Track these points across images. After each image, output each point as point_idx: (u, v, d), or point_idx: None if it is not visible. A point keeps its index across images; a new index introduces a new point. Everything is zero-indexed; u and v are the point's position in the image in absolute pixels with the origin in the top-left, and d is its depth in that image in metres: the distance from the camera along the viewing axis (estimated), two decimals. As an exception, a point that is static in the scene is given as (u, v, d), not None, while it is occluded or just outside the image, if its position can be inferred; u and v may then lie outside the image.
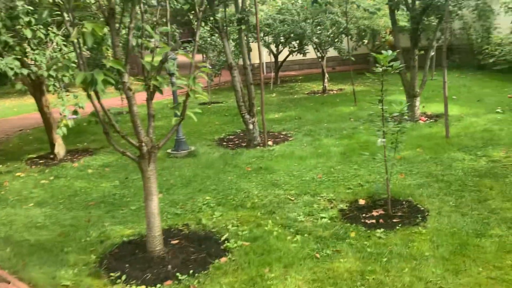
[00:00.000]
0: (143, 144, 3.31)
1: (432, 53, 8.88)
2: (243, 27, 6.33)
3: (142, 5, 3.35)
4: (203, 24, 6.55)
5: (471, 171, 4.69)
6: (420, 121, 7.55)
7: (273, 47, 13.85)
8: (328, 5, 10.66)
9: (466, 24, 13.82)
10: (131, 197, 4.93)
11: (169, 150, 6.69)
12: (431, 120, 7.60)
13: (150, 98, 3.44)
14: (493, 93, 9.39)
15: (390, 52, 3.73)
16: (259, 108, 7.24)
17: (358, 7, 9.56)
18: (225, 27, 6.44)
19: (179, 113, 3.46)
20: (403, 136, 3.92)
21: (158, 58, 3.41)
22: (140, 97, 3.97)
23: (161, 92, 3.46)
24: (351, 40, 12.87)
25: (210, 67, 10.86)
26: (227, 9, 6.46)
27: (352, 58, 10.69)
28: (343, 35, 11.68)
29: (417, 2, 7.05)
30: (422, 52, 7.51)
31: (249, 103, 6.97)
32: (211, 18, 6.19)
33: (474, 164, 4.91)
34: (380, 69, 3.82)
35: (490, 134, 6.08)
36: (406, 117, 8.03)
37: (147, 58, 3.35)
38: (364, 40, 13.54)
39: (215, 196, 4.69)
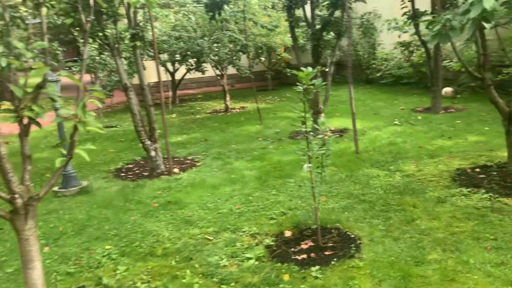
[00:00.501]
0: (17, 196, 2.50)
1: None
2: (138, 43, 5.65)
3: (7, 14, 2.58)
4: (91, 40, 5.70)
5: (390, 188, 4.60)
6: (325, 137, 7.51)
7: (169, 65, 13.20)
8: (224, 22, 10.40)
9: (353, 40, 14.65)
10: (7, 255, 3.93)
11: (56, 188, 5.66)
12: (336, 136, 7.62)
13: (23, 133, 2.65)
14: (386, 105, 9.88)
15: (310, 68, 3.41)
16: (160, 130, 6.57)
17: (255, 24, 9.43)
18: (116, 44, 5.69)
19: (65, 152, 2.71)
20: (328, 159, 3.61)
21: (36, 80, 2.65)
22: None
23: (38, 124, 2.69)
24: (248, 57, 12.81)
25: (101, 89, 9.82)
26: (118, 24, 5.71)
27: (251, 76, 10.55)
28: (241, 53, 11.52)
29: (317, 19, 7.06)
30: (323, 68, 7.51)
31: (149, 127, 6.27)
32: (100, 34, 5.41)
33: (391, 180, 4.85)
34: (301, 88, 3.45)
35: (396, 147, 6.19)
36: (312, 133, 8.07)
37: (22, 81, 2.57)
38: (261, 58, 13.57)
39: (117, 243, 3.91)
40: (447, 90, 10.20)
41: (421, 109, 9.02)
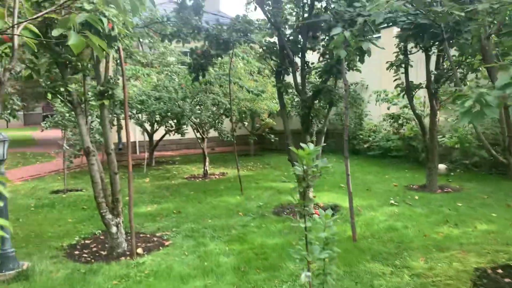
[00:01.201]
0: None
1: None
2: (106, 102, 4.90)
3: None
4: (50, 96, 4.94)
5: (400, 293, 3.74)
6: (315, 215, 6.69)
7: (147, 125, 12.50)
8: (208, 85, 9.88)
9: (340, 110, 14.34)
10: None
11: (-13, 271, 4.59)
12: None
13: None
14: (377, 180, 9.23)
15: (311, 146, 2.67)
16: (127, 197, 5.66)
17: (241, 88, 8.91)
18: (82, 102, 4.93)
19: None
20: (332, 264, 2.77)
21: None
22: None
23: None
24: (231, 121, 12.24)
25: (67, 148, 8.95)
26: (87, 80, 5.00)
27: (233, 140, 9.89)
28: (224, 116, 10.95)
29: (308, 86, 6.53)
30: (314, 138, 6.90)
31: (112, 198, 5.37)
32: (61, 90, 4.66)
33: (399, 282, 3.99)
34: (300, 170, 2.69)
35: (397, 234, 5.39)
36: (299, 210, 7.26)
37: None
38: (244, 122, 13.02)
39: None
40: (440, 167, 9.66)
41: (416, 186, 8.36)
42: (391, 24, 3.84)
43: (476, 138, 9.46)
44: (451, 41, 4.27)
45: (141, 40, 14.00)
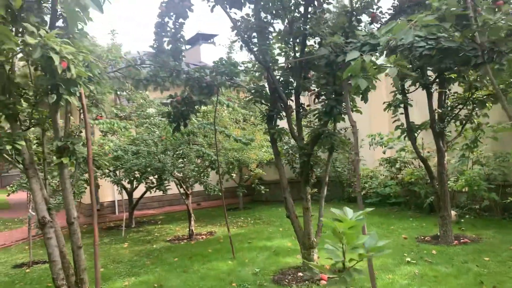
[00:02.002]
0: None
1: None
2: (65, 160, 3.98)
3: None
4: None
5: None
6: (322, 281, 5.69)
7: (126, 182, 11.49)
8: (192, 135, 9.06)
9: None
10: None
11: None
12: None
13: None
14: (383, 232, 8.31)
15: (349, 212, 1.79)
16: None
17: (228, 137, 8.11)
18: (32, 162, 4.01)
19: None
20: None
21: None
22: None
23: None
24: (217, 173, 11.33)
25: (32, 214, 7.85)
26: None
27: (220, 194, 8.97)
28: (210, 169, 10.06)
29: (307, 131, 5.78)
30: (315, 190, 6.05)
31: (76, 279, 4.32)
32: (7, 147, 3.74)
33: None
34: (339, 254, 1.80)
35: (429, 303, 4.43)
36: (302, 275, 6.24)
37: None
38: (232, 174, 12.12)
39: None
40: (449, 213, 8.84)
41: (428, 238, 7.46)
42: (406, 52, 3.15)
43: (486, 179, 8.75)
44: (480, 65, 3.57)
45: (118, 92, 13.34)
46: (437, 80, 7.08)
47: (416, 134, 7.57)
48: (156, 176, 10.15)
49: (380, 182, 11.47)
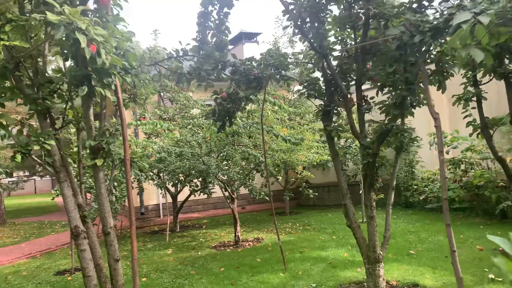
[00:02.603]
0: None
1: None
2: (99, 162, 3.50)
3: None
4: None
5: None
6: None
7: (170, 186, 11.16)
8: (236, 136, 8.51)
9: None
10: None
11: None
12: (405, 297, 5.05)
13: None
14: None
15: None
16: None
17: (275, 137, 7.49)
18: (64, 165, 3.56)
19: None
20: None
21: None
22: None
23: None
24: (262, 176, 10.73)
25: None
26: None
27: (267, 198, 8.38)
28: (255, 171, 9.49)
29: (369, 128, 5.06)
30: (382, 195, 5.30)
31: (113, 295, 3.84)
32: (35, 148, 3.30)
33: None
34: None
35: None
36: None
37: None
38: (278, 176, 11.48)
39: None
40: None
41: (509, 250, 6.49)
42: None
43: None
44: None
45: (162, 93, 13.08)
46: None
47: (491, 131, 6.61)
48: (200, 179, 9.74)
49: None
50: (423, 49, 3.97)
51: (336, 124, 5.21)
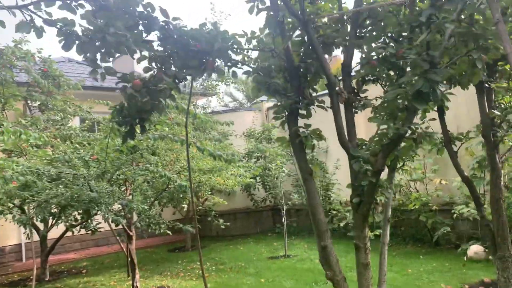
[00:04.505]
0: None
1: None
2: None
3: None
4: None
5: None
6: None
7: (38, 221, 8.33)
8: (140, 151, 6.40)
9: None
10: None
11: None
12: None
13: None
14: (405, 279, 6.24)
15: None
16: None
17: (201, 152, 5.56)
18: None
19: None
20: None
21: None
22: None
23: None
24: (160, 204, 8.58)
25: None
26: None
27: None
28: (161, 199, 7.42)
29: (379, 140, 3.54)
30: (378, 232, 3.79)
31: None
32: None
33: None
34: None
35: None
36: None
37: None
38: (183, 205, 9.47)
39: None
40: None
41: (479, 286, 5.51)
42: None
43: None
44: None
45: (29, 101, 10.09)
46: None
47: (455, 146, 5.68)
48: (80, 212, 7.27)
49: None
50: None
51: (309, 130, 3.59)
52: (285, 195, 9.73)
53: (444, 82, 3.23)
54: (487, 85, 5.38)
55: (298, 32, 3.82)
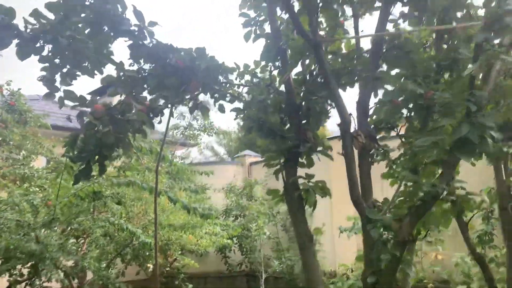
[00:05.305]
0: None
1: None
2: None
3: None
4: None
5: None
6: None
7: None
8: (99, 200, 5.47)
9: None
10: None
11: None
12: None
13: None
14: None
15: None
16: None
17: (173, 204, 4.70)
18: None
19: None
20: None
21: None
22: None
23: None
24: (124, 261, 7.42)
25: None
26: None
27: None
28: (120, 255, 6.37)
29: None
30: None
31: None
32: None
33: None
34: None
35: None
36: None
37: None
38: (148, 264, 8.30)
39: None
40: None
41: None
42: None
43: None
44: None
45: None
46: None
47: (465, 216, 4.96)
48: (29, 265, 6.14)
49: (354, 284, 8.53)
50: None
51: (312, 183, 2.83)
52: (264, 261, 8.74)
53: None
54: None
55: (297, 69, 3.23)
